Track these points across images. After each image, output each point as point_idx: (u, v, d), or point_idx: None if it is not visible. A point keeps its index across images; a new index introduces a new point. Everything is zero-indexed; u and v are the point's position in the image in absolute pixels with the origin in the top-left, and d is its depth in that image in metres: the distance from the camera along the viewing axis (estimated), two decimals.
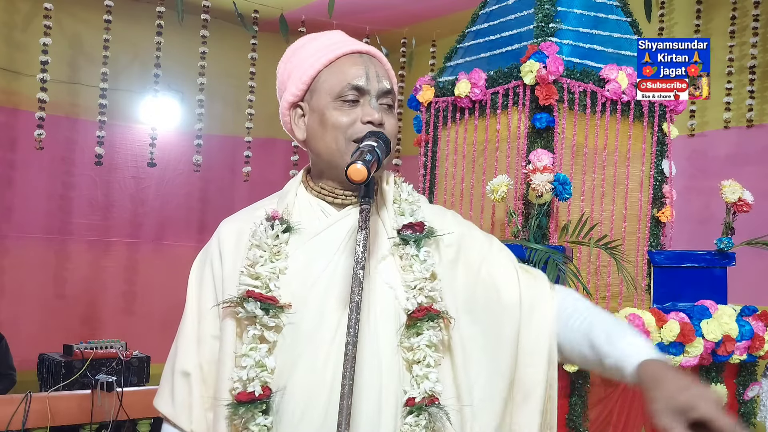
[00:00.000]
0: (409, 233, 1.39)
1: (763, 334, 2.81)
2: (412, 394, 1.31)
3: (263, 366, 1.31)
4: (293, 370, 1.32)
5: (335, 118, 1.38)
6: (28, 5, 5.55)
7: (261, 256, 1.36)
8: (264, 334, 1.32)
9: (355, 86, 1.39)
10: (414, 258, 1.37)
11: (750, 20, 4.78)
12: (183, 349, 1.43)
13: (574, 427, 2.54)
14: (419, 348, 1.33)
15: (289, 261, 1.37)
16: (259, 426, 1.30)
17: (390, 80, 1.44)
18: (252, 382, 1.29)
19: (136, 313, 6.01)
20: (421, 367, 1.32)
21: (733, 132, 4.87)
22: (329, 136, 1.39)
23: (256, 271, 1.34)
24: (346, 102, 1.39)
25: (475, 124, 2.97)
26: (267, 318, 1.32)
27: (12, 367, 4.58)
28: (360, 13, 5.86)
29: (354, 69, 1.40)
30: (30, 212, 5.70)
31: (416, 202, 1.46)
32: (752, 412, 2.95)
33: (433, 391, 1.31)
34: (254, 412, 1.29)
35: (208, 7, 5.43)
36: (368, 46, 1.47)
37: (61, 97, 5.58)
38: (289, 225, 1.40)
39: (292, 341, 1.33)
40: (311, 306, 1.34)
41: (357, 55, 1.43)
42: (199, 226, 6.37)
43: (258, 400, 1.29)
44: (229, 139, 6.34)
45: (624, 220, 2.91)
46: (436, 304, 1.34)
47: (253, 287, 1.33)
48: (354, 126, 1.37)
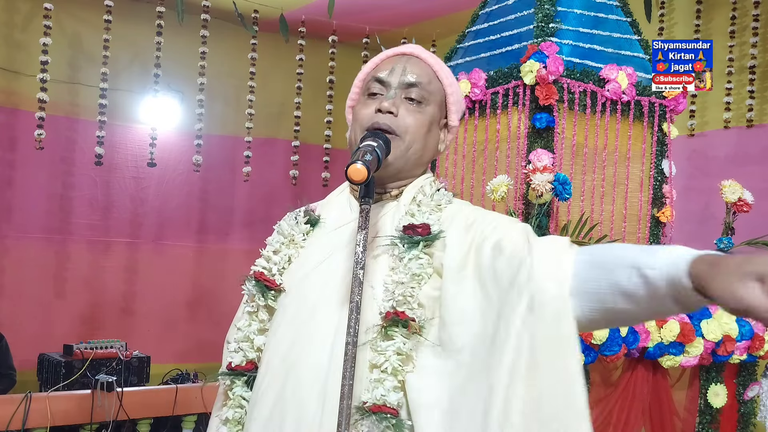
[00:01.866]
0: (403, 234, 1.34)
1: (763, 334, 2.81)
2: (365, 397, 1.24)
3: (250, 341, 1.40)
4: (283, 355, 1.34)
5: (358, 111, 1.43)
6: (28, 5, 5.55)
7: (278, 241, 1.44)
8: (258, 312, 1.40)
9: (377, 78, 1.42)
10: (399, 260, 1.32)
11: (750, 20, 4.78)
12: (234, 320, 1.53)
13: None
14: (384, 352, 1.26)
15: (303, 251, 1.43)
16: (235, 396, 1.38)
17: (423, 76, 1.42)
18: (237, 353, 1.39)
19: (136, 313, 6.01)
20: (378, 372, 1.25)
21: (733, 132, 4.87)
22: (352, 129, 1.44)
23: (269, 254, 1.42)
24: (371, 96, 1.42)
25: (475, 124, 2.97)
26: (261, 298, 1.39)
27: (12, 367, 4.58)
28: (360, 13, 5.85)
29: (386, 65, 1.44)
30: (30, 212, 5.69)
31: (436, 205, 1.39)
32: (752, 412, 2.95)
33: (384, 399, 1.22)
34: (234, 380, 1.39)
35: (208, 7, 5.43)
36: (416, 48, 1.47)
37: (61, 97, 5.57)
38: (311, 218, 1.46)
39: (285, 327, 1.36)
40: (307, 296, 1.37)
41: (399, 56, 1.46)
42: (199, 226, 6.37)
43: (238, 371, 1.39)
44: (229, 139, 6.34)
45: (624, 220, 2.91)
46: (410, 310, 1.27)
47: (263, 269, 1.41)
48: (372, 118, 1.39)
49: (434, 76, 1.45)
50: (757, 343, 2.79)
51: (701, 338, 2.67)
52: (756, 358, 2.87)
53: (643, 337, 2.57)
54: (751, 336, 2.78)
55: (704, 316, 2.73)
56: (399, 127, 1.38)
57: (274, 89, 6.22)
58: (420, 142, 1.40)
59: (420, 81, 1.41)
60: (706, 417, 2.82)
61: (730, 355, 2.76)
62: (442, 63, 1.48)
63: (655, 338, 2.63)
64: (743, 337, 2.76)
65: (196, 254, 6.21)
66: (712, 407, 2.82)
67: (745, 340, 2.77)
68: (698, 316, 2.72)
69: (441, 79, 1.45)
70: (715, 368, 2.84)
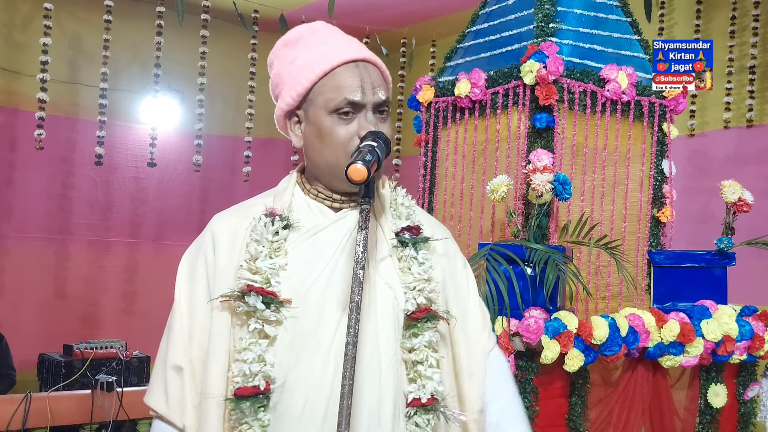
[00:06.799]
0: (407, 236, 1.42)
1: (763, 334, 2.81)
2: (417, 394, 1.34)
3: (264, 360, 1.30)
4: (295, 367, 1.32)
5: (333, 132, 1.38)
6: (28, 5, 5.55)
7: (260, 251, 1.36)
8: (264, 328, 1.32)
9: (350, 101, 1.38)
10: (413, 260, 1.41)
11: (750, 20, 4.78)
12: (174, 343, 1.39)
13: (574, 427, 2.54)
14: (420, 349, 1.36)
15: (288, 258, 1.37)
16: (259, 421, 1.29)
17: (385, 88, 1.44)
18: (255, 376, 1.29)
19: (136, 313, 6.01)
20: (425, 368, 1.35)
21: (733, 132, 4.87)
22: (328, 150, 1.39)
23: (256, 265, 1.34)
24: (342, 116, 1.38)
25: (475, 124, 2.97)
26: (268, 312, 1.32)
27: (12, 367, 4.58)
28: (360, 13, 5.85)
29: (349, 81, 1.39)
30: (30, 212, 5.69)
31: (411, 206, 1.50)
32: (752, 412, 2.95)
33: (435, 391, 1.35)
34: (255, 407, 1.29)
35: (208, 7, 5.43)
36: (362, 50, 1.45)
37: (61, 97, 5.58)
38: (288, 222, 1.40)
39: (291, 338, 1.33)
40: (311, 304, 1.35)
41: (353, 65, 1.41)
42: (199, 226, 6.31)
43: (261, 394, 1.28)
44: (229, 139, 6.34)
45: (624, 220, 2.91)
46: (434, 305, 1.38)
47: (253, 282, 1.33)
48: (352, 141, 1.37)
49: (385, 80, 1.46)
50: (757, 343, 2.79)
51: (701, 338, 2.67)
52: (756, 358, 2.87)
53: (643, 337, 2.57)
54: (751, 336, 2.78)
55: (704, 316, 2.73)
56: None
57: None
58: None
59: (387, 96, 1.43)
60: (706, 417, 2.82)
61: (730, 355, 2.76)
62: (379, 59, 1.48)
63: (655, 338, 2.62)
64: (743, 337, 2.76)
65: None
66: (712, 407, 2.82)
67: (745, 340, 2.77)
68: (698, 316, 2.72)
69: (387, 81, 1.47)
70: (715, 368, 2.84)
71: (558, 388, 2.53)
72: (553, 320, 2.42)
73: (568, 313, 2.47)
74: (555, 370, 2.48)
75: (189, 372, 1.37)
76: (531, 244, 2.55)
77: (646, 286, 2.97)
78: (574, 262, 2.69)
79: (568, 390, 2.55)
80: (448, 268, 1.50)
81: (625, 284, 2.75)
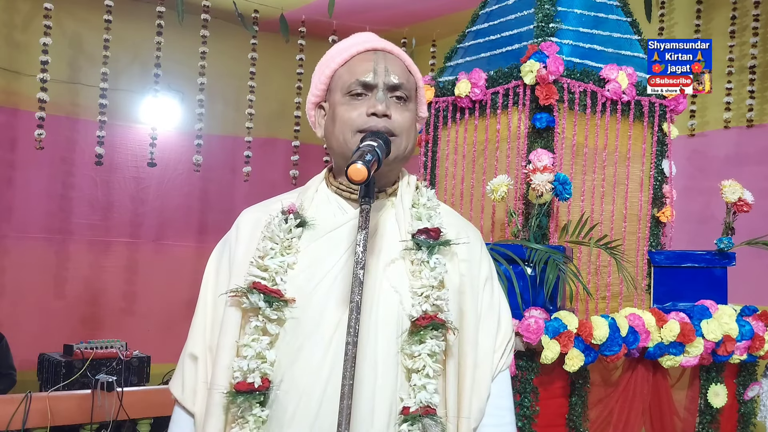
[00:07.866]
0: (423, 238, 1.38)
1: (763, 334, 2.81)
2: (408, 403, 1.30)
3: (263, 358, 1.32)
4: (291, 365, 1.33)
5: (343, 112, 1.41)
6: (28, 5, 5.55)
7: (272, 248, 1.37)
8: (266, 326, 1.33)
9: (361, 82, 1.40)
10: (424, 264, 1.36)
11: (750, 20, 4.78)
12: (194, 333, 1.45)
13: (574, 427, 2.53)
14: (420, 356, 1.31)
15: (299, 256, 1.38)
16: (254, 417, 1.31)
17: (402, 75, 1.44)
18: (252, 373, 1.30)
19: (136, 313, 6.01)
20: (420, 377, 1.31)
21: (733, 132, 4.87)
22: (338, 130, 1.41)
23: (264, 263, 1.36)
24: (354, 96, 1.41)
25: (475, 124, 2.97)
26: (270, 311, 1.33)
27: (12, 367, 4.58)
28: (360, 13, 5.85)
29: (364, 65, 1.42)
30: (30, 212, 5.69)
31: (435, 207, 1.46)
32: (752, 412, 2.95)
33: (429, 402, 1.30)
34: (252, 402, 1.30)
35: (208, 7, 5.43)
36: (386, 43, 1.48)
37: (61, 97, 5.58)
38: (303, 220, 1.41)
39: (292, 336, 1.34)
40: (314, 303, 1.35)
41: (371, 53, 1.44)
42: (199, 226, 6.37)
43: (257, 391, 1.30)
44: (229, 139, 6.34)
45: (624, 220, 2.91)
46: (442, 314, 1.33)
47: (260, 279, 1.34)
48: (359, 119, 1.39)
49: (408, 71, 1.47)
50: (757, 343, 2.79)
51: (701, 338, 2.67)
52: (756, 358, 2.87)
53: (643, 337, 2.57)
54: (752, 336, 2.78)
55: (704, 316, 2.73)
56: (395, 128, 1.40)
57: (274, 89, 6.23)
58: (411, 138, 1.45)
59: (402, 81, 1.43)
60: (706, 417, 2.82)
61: (730, 355, 2.76)
62: (406, 55, 1.50)
63: (656, 338, 2.62)
64: (743, 337, 2.76)
65: (196, 254, 6.20)
66: (712, 407, 2.82)
67: (745, 340, 2.77)
68: (698, 316, 2.72)
69: (413, 73, 1.48)
70: (716, 368, 2.84)
71: (558, 388, 2.53)
72: (553, 320, 2.42)
73: (568, 313, 2.47)
74: (555, 370, 2.48)
75: (203, 361, 1.42)
76: (531, 244, 2.55)
77: (646, 286, 2.97)
78: (574, 262, 2.69)
79: (568, 390, 2.55)
80: (468, 274, 1.44)
81: (625, 284, 2.75)
